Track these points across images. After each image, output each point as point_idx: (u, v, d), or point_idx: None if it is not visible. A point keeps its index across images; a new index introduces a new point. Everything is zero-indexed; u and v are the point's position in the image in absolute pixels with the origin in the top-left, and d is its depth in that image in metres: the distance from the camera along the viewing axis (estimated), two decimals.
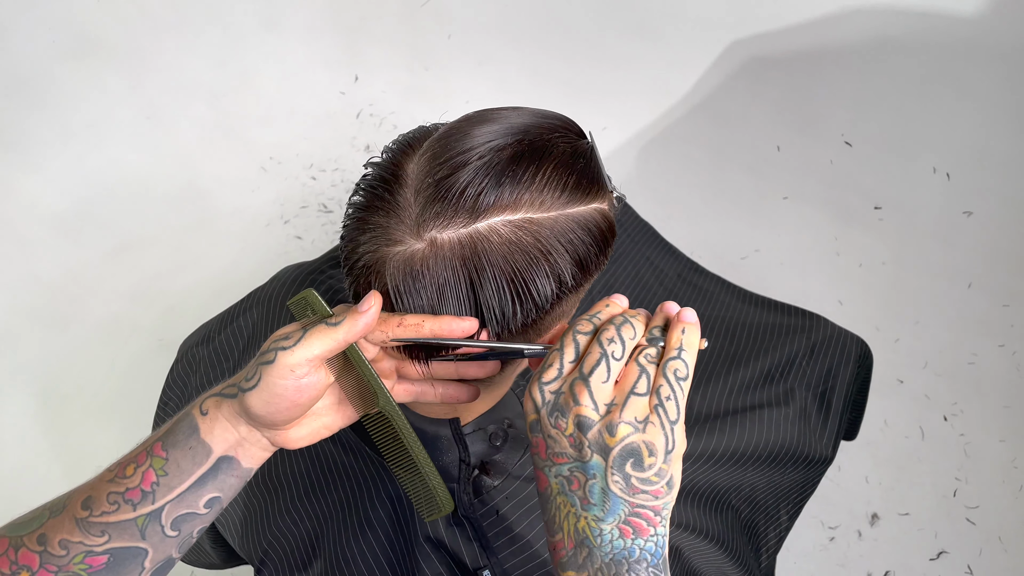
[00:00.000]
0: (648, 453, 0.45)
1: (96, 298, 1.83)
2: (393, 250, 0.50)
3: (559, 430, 0.46)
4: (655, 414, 0.46)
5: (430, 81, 2.13)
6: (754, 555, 0.88)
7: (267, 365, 0.49)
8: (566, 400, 0.46)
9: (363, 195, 0.53)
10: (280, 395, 0.49)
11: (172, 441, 0.51)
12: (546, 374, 0.48)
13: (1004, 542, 1.50)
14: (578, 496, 0.46)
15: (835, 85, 1.90)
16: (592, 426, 0.45)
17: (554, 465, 0.47)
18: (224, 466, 0.52)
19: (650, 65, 2.04)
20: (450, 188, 0.49)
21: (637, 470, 0.45)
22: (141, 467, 0.51)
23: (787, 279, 1.83)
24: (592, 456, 0.45)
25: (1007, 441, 1.60)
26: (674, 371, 0.48)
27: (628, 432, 0.45)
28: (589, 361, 0.47)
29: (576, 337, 0.49)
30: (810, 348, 1.00)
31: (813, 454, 0.91)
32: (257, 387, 0.49)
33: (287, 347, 0.48)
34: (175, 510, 0.51)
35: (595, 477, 0.45)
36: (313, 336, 0.49)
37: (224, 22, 2.12)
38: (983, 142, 1.83)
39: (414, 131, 0.56)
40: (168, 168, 2.00)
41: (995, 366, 1.68)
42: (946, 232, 1.82)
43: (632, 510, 0.45)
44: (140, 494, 0.50)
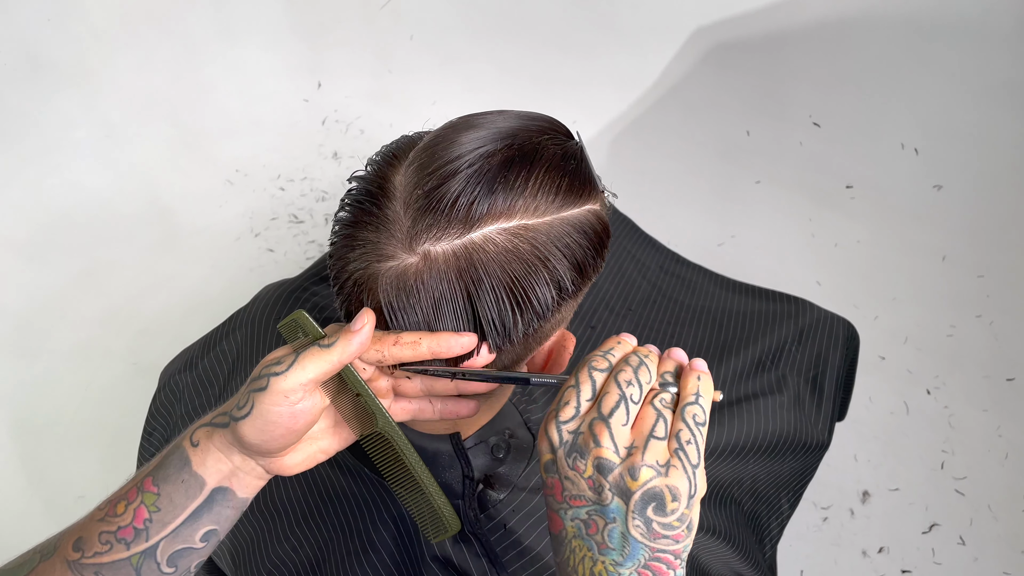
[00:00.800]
0: (672, 498, 0.44)
1: (65, 325, 1.79)
2: (385, 265, 0.48)
3: (577, 472, 0.45)
4: (676, 458, 0.45)
5: (395, 84, 2.10)
6: (758, 546, 0.87)
7: (259, 392, 0.47)
8: (585, 441, 0.45)
9: (349, 210, 0.51)
10: (274, 422, 0.47)
11: (163, 475, 0.50)
12: (563, 412, 0.46)
13: (993, 510, 1.52)
14: (596, 541, 0.44)
15: (800, 67, 1.91)
16: (613, 468, 0.44)
17: (571, 508, 0.45)
18: (219, 498, 0.50)
19: (617, 56, 2.03)
20: (442, 199, 0.47)
21: (659, 515, 0.44)
22: (132, 504, 0.49)
23: (765, 263, 1.83)
24: (613, 500, 0.44)
25: (990, 411, 1.61)
26: (692, 416, 0.47)
27: (651, 476, 0.44)
28: (608, 402, 0.45)
29: (592, 374, 0.47)
30: (798, 333, 1.00)
31: (810, 440, 0.91)
32: (250, 415, 0.47)
33: (279, 372, 0.47)
34: (170, 546, 0.49)
35: (615, 521, 0.44)
36: (306, 359, 0.47)
37: (178, 35, 2.08)
38: (948, 116, 1.85)
39: (398, 141, 0.54)
40: (130, 187, 1.96)
41: (974, 337, 1.70)
42: (918, 207, 1.84)
43: (652, 555, 0.44)
44: (133, 532, 0.49)
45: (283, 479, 0.71)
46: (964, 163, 1.83)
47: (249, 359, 0.80)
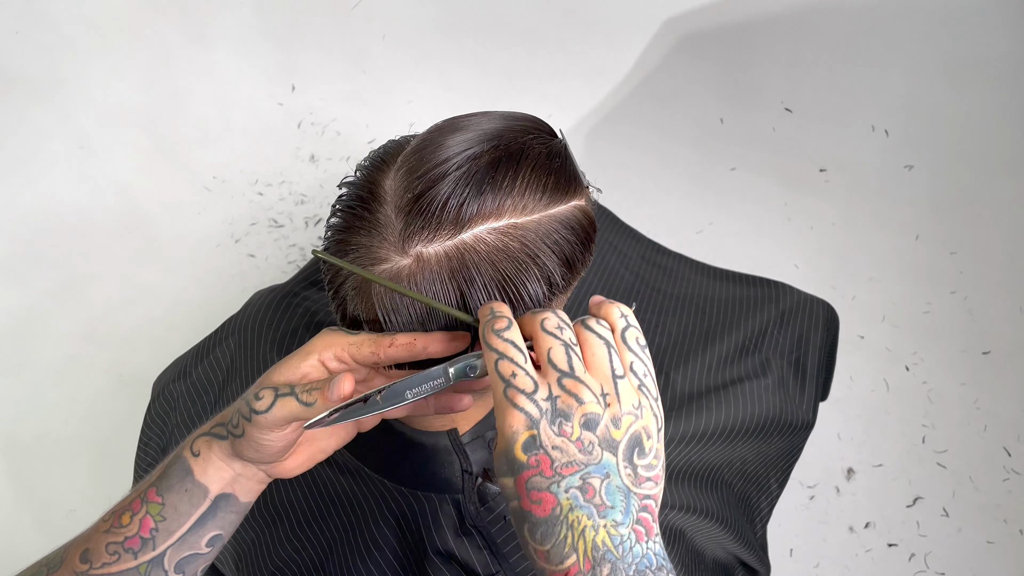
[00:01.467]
0: (646, 437, 0.44)
1: (47, 340, 1.78)
2: (378, 268, 0.50)
3: (565, 436, 0.42)
4: (642, 394, 0.45)
5: (369, 84, 2.10)
6: (749, 526, 0.89)
7: (248, 422, 0.49)
8: (566, 402, 0.43)
9: (341, 216, 0.52)
10: (266, 446, 0.50)
11: (166, 485, 0.51)
12: (521, 385, 0.43)
13: (975, 481, 1.55)
14: (594, 504, 0.42)
15: (770, 54, 1.93)
16: (599, 422, 0.43)
17: (563, 478, 0.42)
18: (223, 504, 0.51)
19: (588, 49, 2.05)
20: (432, 201, 0.48)
21: (641, 457, 0.44)
22: (137, 515, 0.50)
23: (743, 248, 1.86)
24: (603, 455, 0.43)
25: (967, 384, 1.65)
26: (636, 339, 0.46)
27: (631, 421, 0.43)
28: (559, 356, 0.44)
29: (507, 336, 0.45)
30: (779, 317, 1.02)
31: (795, 421, 0.93)
32: (243, 437, 0.49)
33: (259, 411, 0.48)
34: (177, 553, 0.50)
35: (608, 477, 0.42)
36: (285, 407, 0.48)
37: (149, 43, 2.07)
38: (915, 96, 1.88)
39: (385, 146, 0.55)
40: (107, 198, 1.94)
41: (949, 313, 1.74)
42: (890, 187, 1.87)
43: (640, 504, 0.43)
44: (140, 542, 0.50)
45: (283, 483, 0.72)
46: (933, 142, 1.87)
47: (243, 365, 0.80)
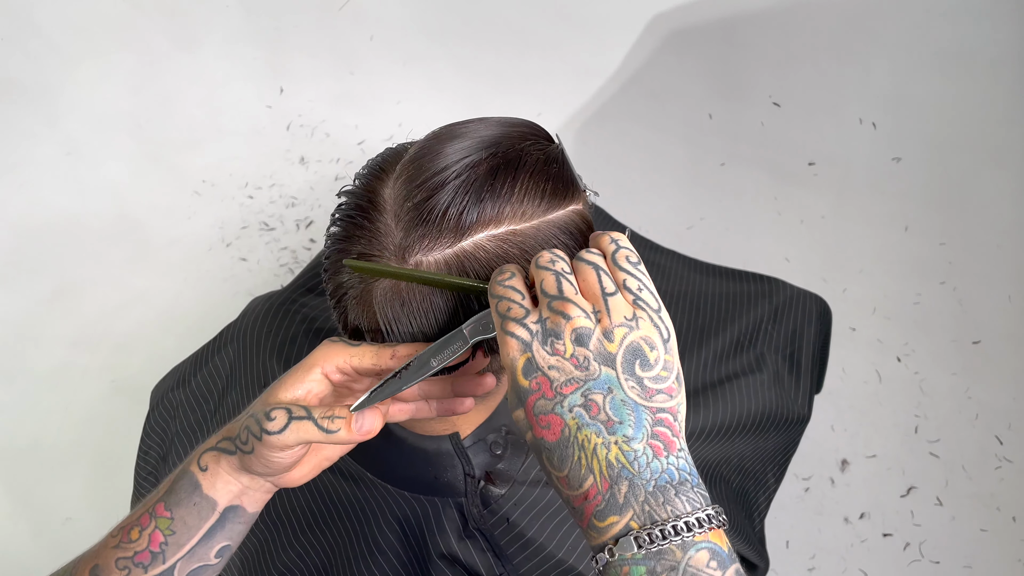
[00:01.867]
0: (649, 348, 0.44)
1: (39, 346, 1.77)
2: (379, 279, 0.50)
3: (559, 354, 0.43)
4: (638, 308, 0.45)
5: (357, 85, 2.10)
6: (748, 521, 0.90)
7: (258, 441, 0.49)
8: (555, 322, 0.43)
9: (341, 225, 0.52)
10: (275, 463, 0.50)
11: (175, 500, 0.51)
12: (513, 312, 0.44)
13: (967, 470, 1.57)
14: (601, 421, 0.42)
15: (757, 49, 1.94)
16: (591, 335, 0.43)
17: (564, 398, 0.42)
18: (231, 516, 0.52)
19: (577, 47, 2.05)
20: (432, 210, 0.48)
21: (645, 369, 0.43)
22: (146, 530, 0.51)
23: (734, 243, 1.87)
24: (600, 369, 0.43)
25: (958, 374, 1.67)
26: (626, 258, 0.47)
27: (625, 332, 0.43)
28: (549, 283, 0.45)
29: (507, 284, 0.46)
30: (773, 312, 1.03)
31: (791, 415, 0.94)
32: (253, 454, 0.50)
33: (272, 432, 0.48)
34: (187, 566, 0.51)
35: (610, 391, 0.42)
36: (301, 431, 0.48)
37: (136, 47, 2.06)
38: (901, 89, 1.89)
39: (383, 154, 0.55)
40: (96, 204, 1.94)
41: (939, 303, 1.75)
42: (878, 180, 1.88)
43: (654, 418, 0.43)
44: (150, 556, 0.50)
45: (288, 489, 0.72)
46: (920, 134, 1.88)
47: (243, 373, 0.80)
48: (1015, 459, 1.57)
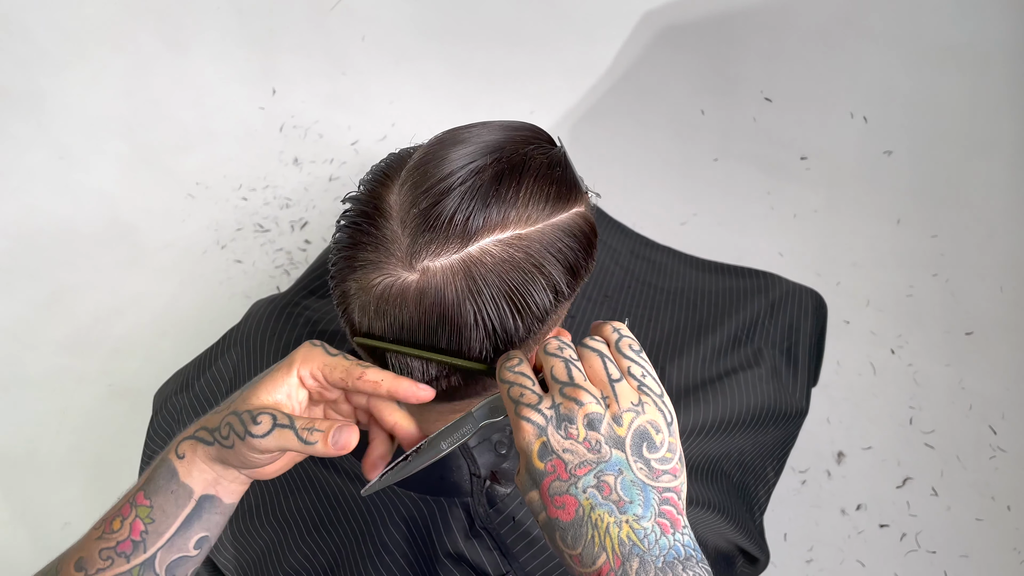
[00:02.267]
0: (655, 431, 0.47)
1: (35, 352, 1.76)
2: (385, 283, 0.50)
3: (572, 438, 0.46)
4: (643, 394, 0.48)
5: (350, 86, 2.10)
6: (749, 514, 0.91)
7: (241, 440, 0.50)
8: (568, 407, 0.46)
9: (347, 232, 0.52)
10: (253, 461, 0.51)
11: (153, 488, 0.52)
12: (528, 399, 0.48)
13: (962, 460, 1.58)
14: (613, 501, 0.45)
15: (748, 45, 1.95)
16: (602, 420, 0.46)
17: (579, 479, 0.45)
18: (207, 505, 0.53)
19: (568, 46, 2.05)
20: (439, 216, 0.49)
21: (652, 451, 0.46)
22: (128, 519, 0.52)
23: (728, 238, 1.88)
24: (611, 452, 0.45)
25: (952, 365, 1.68)
26: (629, 346, 0.50)
27: (632, 417, 0.46)
28: (560, 370, 0.48)
29: (520, 369, 0.49)
30: (770, 307, 1.04)
31: (789, 409, 0.95)
32: (232, 449, 0.51)
33: (256, 435, 0.49)
34: (167, 556, 0.52)
35: (621, 473, 0.45)
36: (282, 439, 0.50)
37: (126, 51, 2.05)
38: (892, 83, 1.91)
39: (387, 160, 0.55)
40: (90, 208, 1.93)
41: (931, 295, 1.77)
42: (870, 173, 1.90)
43: (661, 498, 0.45)
44: (131, 545, 0.51)
45: (293, 492, 0.72)
46: (910, 127, 1.89)
47: (247, 376, 0.81)
48: (1009, 448, 1.59)
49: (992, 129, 1.89)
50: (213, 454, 0.52)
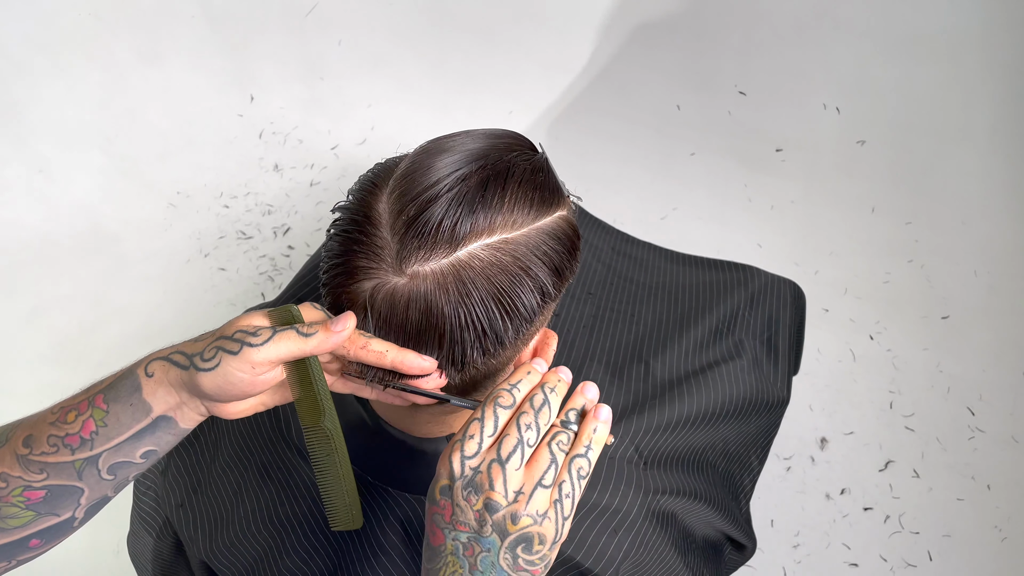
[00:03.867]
0: (539, 542, 0.50)
1: (20, 367, 1.76)
2: (376, 286, 0.52)
3: (468, 504, 0.49)
4: (553, 509, 0.50)
5: (327, 90, 2.11)
6: (735, 503, 0.93)
7: (230, 355, 0.50)
8: (481, 481, 0.49)
9: (338, 240, 0.54)
10: (234, 384, 0.51)
11: (114, 396, 0.52)
12: (467, 446, 0.50)
13: (942, 442, 1.61)
14: (469, 562, 0.49)
15: (722, 40, 1.97)
16: (499, 510, 0.49)
17: (455, 530, 0.50)
18: (162, 424, 0.53)
19: (544, 45, 2.07)
20: (427, 223, 0.50)
21: (526, 553, 0.50)
22: (82, 415, 0.52)
23: (707, 231, 1.90)
24: (492, 534, 0.49)
25: (930, 349, 1.71)
26: (578, 469, 0.51)
27: (528, 523, 0.49)
28: (507, 446, 0.50)
29: (497, 411, 0.51)
30: (749, 299, 1.06)
31: (771, 399, 0.97)
32: (214, 371, 0.50)
33: (255, 344, 0.50)
34: (112, 458, 0.52)
35: (488, 551, 0.49)
36: (283, 340, 0.50)
37: (101, 62, 2.05)
38: (863, 73, 1.94)
39: (374, 170, 0.56)
40: (70, 221, 1.93)
41: (908, 281, 1.80)
42: (844, 163, 1.93)
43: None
44: (79, 440, 0.52)
45: (290, 496, 0.73)
46: (882, 117, 1.93)
47: None
48: (987, 429, 1.62)
49: (964, 117, 1.93)
50: (184, 379, 0.51)
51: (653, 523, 0.74)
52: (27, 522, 0.52)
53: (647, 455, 0.79)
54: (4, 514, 0.51)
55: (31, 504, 0.52)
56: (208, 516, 0.78)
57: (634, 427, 0.80)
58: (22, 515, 0.52)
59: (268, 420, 0.77)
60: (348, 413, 0.69)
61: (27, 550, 0.53)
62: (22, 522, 0.52)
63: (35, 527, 0.52)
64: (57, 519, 0.53)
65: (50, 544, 0.54)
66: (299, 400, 0.55)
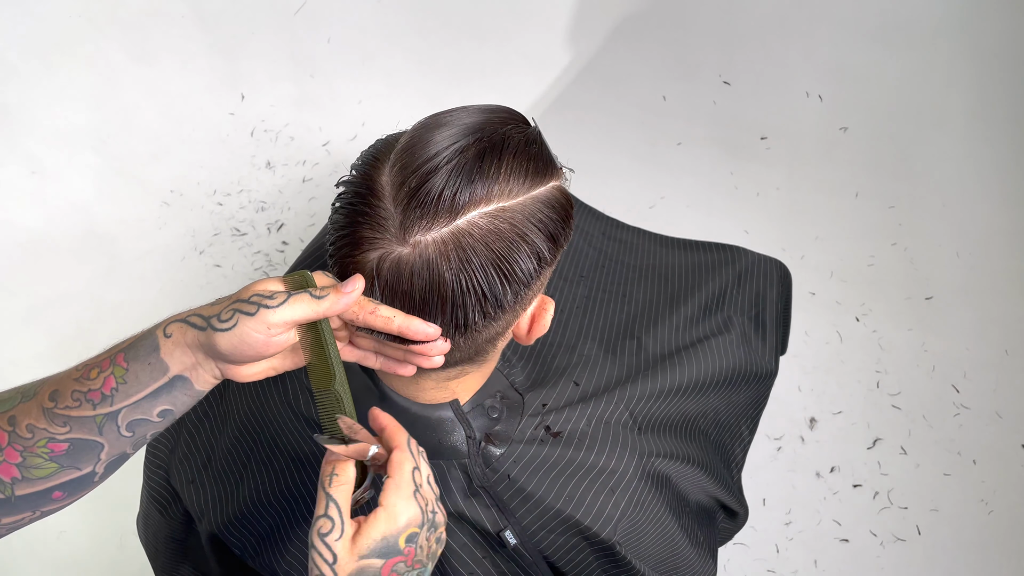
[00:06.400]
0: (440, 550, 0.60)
1: (18, 367, 1.77)
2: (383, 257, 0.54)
3: (428, 542, 0.56)
4: None
5: (317, 87, 2.13)
6: (727, 471, 0.96)
7: (246, 316, 0.52)
8: (438, 519, 0.57)
9: (343, 212, 0.56)
10: (250, 344, 0.53)
11: (134, 355, 0.55)
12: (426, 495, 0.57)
13: (928, 419, 1.65)
14: None
15: (705, 30, 2.01)
16: (440, 539, 0.58)
17: (411, 571, 0.55)
18: (178, 384, 0.56)
19: (531, 39, 2.10)
20: (428, 193, 0.53)
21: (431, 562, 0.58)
22: (104, 372, 0.55)
23: (695, 218, 1.93)
24: (428, 562, 0.57)
25: (914, 329, 1.75)
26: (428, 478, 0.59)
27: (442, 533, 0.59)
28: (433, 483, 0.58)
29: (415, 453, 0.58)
30: (737, 277, 1.09)
31: (759, 370, 1.00)
32: (230, 331, 0.53)
33: (271, 306, 0.52)
34: (130, 414, 0.55)
35: None
36: (297, 302, 0.53)
37: (92, 63, 2.06)
38: (844, 61, 1.98)
39: (375, 145, 0.59)
40: (66, 221, 1.94)
41: (891, 263, 1.84)
42: (828, 149, 1.97)
43: None
44: (100, 396, 0.54)
45: (298, 468, 0.76)
46: (865, 104, 1.96)
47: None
48: (972, 405, 1.66)
49: (942, 102, 1.97)
50: (201, 340, 0.54)
51: (648, 484, 0.77)
52: (50, 473, 0.55)
53: (640, 420, 0.82)
54: (29, 464, 0.54)
55: (54, 456, 0.54)
56: (219, 490, 0.81)
57: (628, 394, 0.83)
58: (46, 466, 0.54)
59: (276, 392, 0.79)
60: (355, 381, 0.72)
61: (51, 501, 0.56)
62: (46, 473, 0.54)
63: (58, 479, 0.55)
64: (79, 472, 0.55)
65: (72, 497, 0.57)
66: (311, 364, 0.58)
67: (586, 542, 0.74)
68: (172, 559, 0.94)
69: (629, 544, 0.75)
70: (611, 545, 0.74)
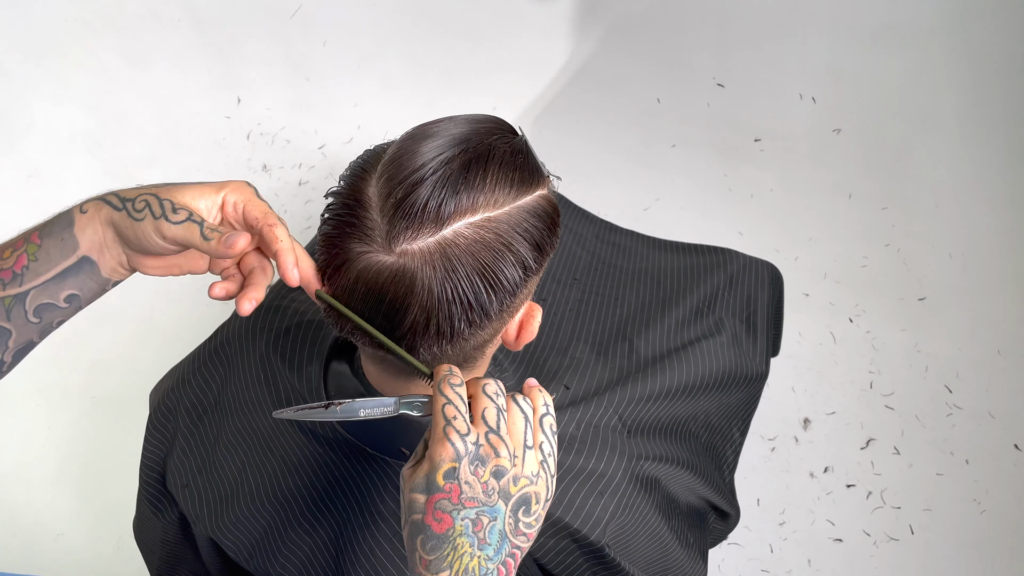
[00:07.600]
0: (535, 501, 0.54)
1: (16, 369, 1.77)
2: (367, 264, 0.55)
3: (476, 477, 0.52)
4: (543, 468, 0.54)
5: (313, 90, 2.14)
6: (718, 472, 0.97)
7: (151, 216, 0.54)
8: (487, 452, 0.52)
9: (332, 223, 0.57)
10: (151, 243, 0.55)
11: (48, 231, 0.56)
12: (458, 426, 0.53)
13: (921, 420, 1.66)
14: (478, 537, 0.52)
15: (699, 33, 2.02)
16: (506, 474, 0.53)
17: (464, 509, 0.52)
18: (86, 267, 0.57)
19: (526, 42, 2.11)
20: (413, 204, 0.54)
21: (525, 516, 0.53)
22: (18, 251, 0.56)
23: (689, 220, 1.94)
24: (497, 501, 0.52)
25: (907, 330, 1.76)
26: (550, 425, 0.56)
27: (526, 484, 0.53)
28: (491, 416, 0.53)
29: (456, 390, 0.54)
30: (729, 280, 1.10)
31: (750, 373, 1.01)
32: (139, 222, 0.54)
33: (171, 221, 0.54)
34: (38, 297, 0.56)
35: (495, 519, 0.52)
36: (189, 232, 0.54)
37: (88, 67, 2.07)
38: (837, 63, 1.99)
39: (363, 156, 0.60)
40: None
41: (885, 264, 1.85)
42: (821, 151, 1.97)
43: (510, 551, 0.53)
44: (11, 275, 0.55)
45: (291, 471, 0.77)
46: (856, 105, 1.98)
47: (240, 365, 0.85)
48: (964, 405, 1.67)
49: (934, 103, 1.98)
50: (115, 219, 0.55)
51: (637, 487, 0.78)
52: None
53: (630, 424, 0.83)
54: None
55: None
56: (214, 494, 0.82)
57: (617, 398, 0.84)
58: None
59: (269, 398, 0.80)
60: (346, 388, 0.73)
61: None
62: None
63: None
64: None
65: None
66: None
67: (575, 545, 0.75)
68: (168, 562, 0.94)
69: (618, 546, 0.76)
70: (600, 547, 0.75)
